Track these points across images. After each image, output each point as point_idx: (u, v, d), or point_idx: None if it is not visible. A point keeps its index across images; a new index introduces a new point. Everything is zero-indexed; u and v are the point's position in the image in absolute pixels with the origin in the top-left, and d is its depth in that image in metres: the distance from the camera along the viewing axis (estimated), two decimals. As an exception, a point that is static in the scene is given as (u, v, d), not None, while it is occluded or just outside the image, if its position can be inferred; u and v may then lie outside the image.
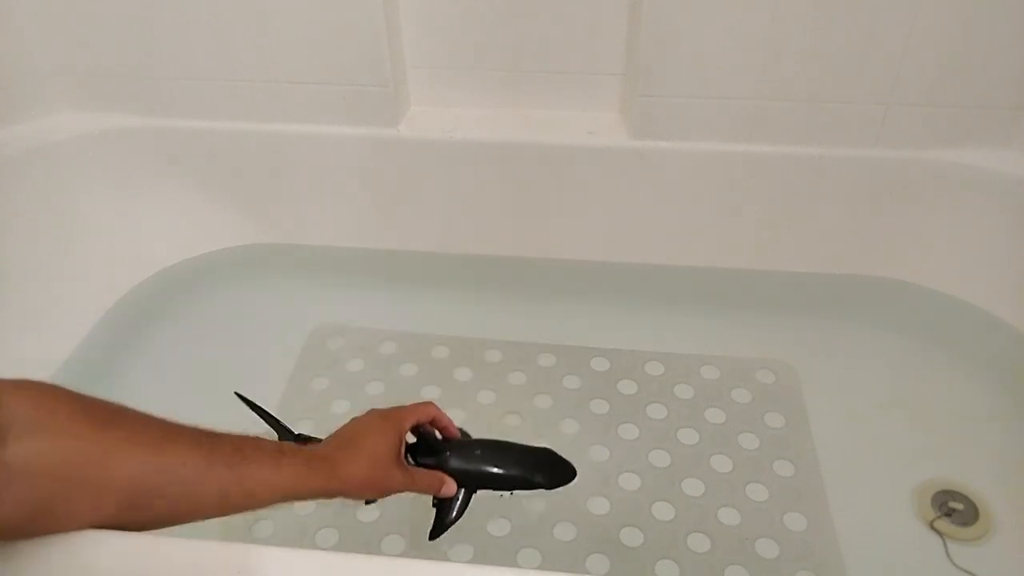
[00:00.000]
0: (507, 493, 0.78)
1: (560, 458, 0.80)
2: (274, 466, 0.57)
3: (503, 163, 1.31)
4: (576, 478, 0.79)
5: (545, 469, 0.78)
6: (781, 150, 1.23)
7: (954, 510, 1.01)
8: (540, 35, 1.24)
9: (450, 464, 0.72)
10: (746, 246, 1.35)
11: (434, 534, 0.74)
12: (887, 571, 0.97)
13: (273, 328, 1.33)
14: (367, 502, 0.68)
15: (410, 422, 0.70)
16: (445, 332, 1.29)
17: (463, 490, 0.73)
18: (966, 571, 0.95)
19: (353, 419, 0.69)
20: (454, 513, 0.73)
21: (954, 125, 1.19)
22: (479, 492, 0.76)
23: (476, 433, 0.80)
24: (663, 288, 1.37)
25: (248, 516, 1.01)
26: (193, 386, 1.21)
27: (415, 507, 1.03)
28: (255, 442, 0.57)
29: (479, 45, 1.27)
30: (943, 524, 0.99)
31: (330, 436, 0.67)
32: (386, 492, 0.66)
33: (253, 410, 0.76)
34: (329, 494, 0.62)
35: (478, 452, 0.74)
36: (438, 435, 0.75)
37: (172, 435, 0.52)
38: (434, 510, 0.74)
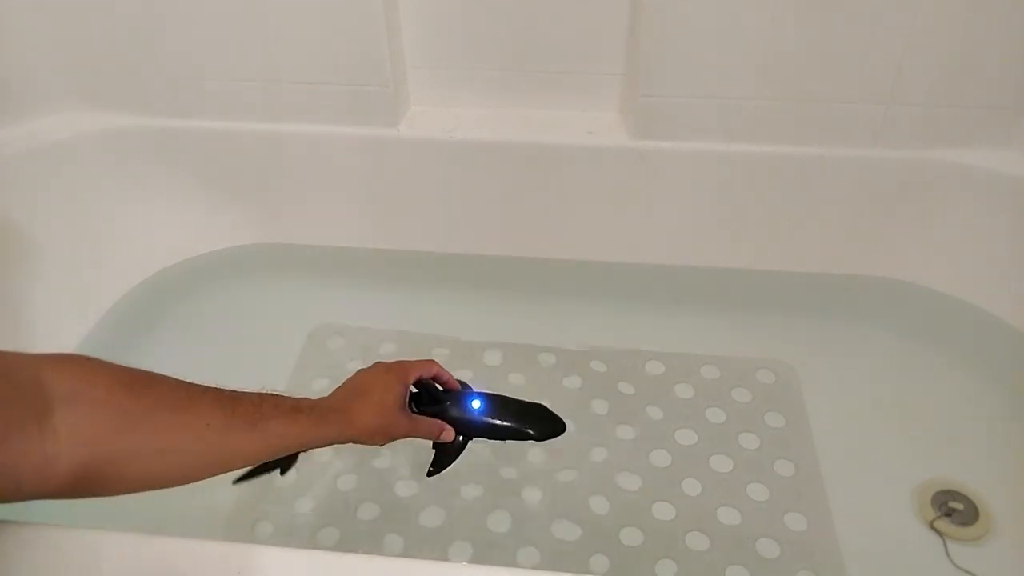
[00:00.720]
0: (501, 443, 0.83)
1: (552, 413, 0.85)
2: (292, 421, 0.63)
3: (503, 163, 1.31)
4: (565, 431, 0.84)
5: (537, 422, 0.83)
6: (781, 150, 1.23)
7: (954, 510, 1.01)
8: (540, 35, 1.24)
9: (449, 413, 0.78)
10: (746, 246, 1.35)
11: (431, 473, 0.81)
12: (887, 571, 0.97)
13: (273, 328, 1.33)
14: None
15: (414, 375, 0.76)
16: (445, 332, 1.29)
17: (460, 437, 0.79)
18: (966, 571, 0.95)
19: (359, 371, 0.74)
20: (451, 457, 0.80)
21: (954, 125, 1.19)
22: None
23: None
24: (663, 288, 1.37)
25: (248, 516, 1.02)
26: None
27: (414, 506, 1.03)
28: (273, 399, 0.63)
29: (479, 45, 1.27)
30: (943, 524, 0.99)
31: (338, 388, 0.73)
32: (392, 437, 0.72)
33: (256, 475, 0.73)
34: (342, 441, 0.68)
35: (476, 403, 0.80)
36: (439, 388, 0.80)
37: (197, 397, 0.57)
38: (433, 452, 0.81)
